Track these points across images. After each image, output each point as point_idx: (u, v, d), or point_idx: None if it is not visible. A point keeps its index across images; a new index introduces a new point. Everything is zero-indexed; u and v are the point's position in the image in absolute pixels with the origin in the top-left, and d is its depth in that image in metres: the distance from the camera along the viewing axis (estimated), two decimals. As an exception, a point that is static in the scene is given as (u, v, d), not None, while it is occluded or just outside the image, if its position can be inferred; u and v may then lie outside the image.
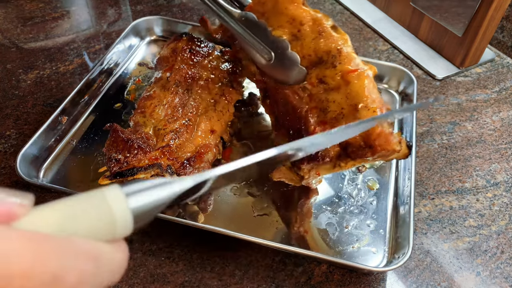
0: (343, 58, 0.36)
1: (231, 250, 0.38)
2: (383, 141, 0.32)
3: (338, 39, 0.37)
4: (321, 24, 0.38)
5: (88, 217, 0.15)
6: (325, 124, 0.37)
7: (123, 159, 0.37)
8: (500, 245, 0.40)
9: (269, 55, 0.39)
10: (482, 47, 0.57)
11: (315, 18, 0.38)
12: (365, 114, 0.34)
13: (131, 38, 0.58)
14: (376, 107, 0.34)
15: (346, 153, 0.35)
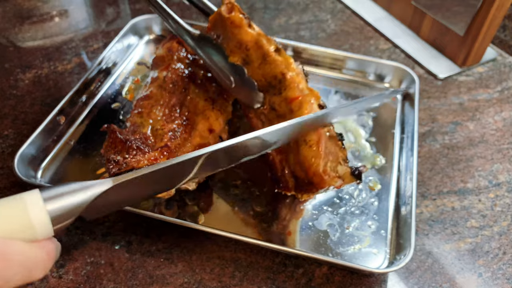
0: (288, 84, 0.36)
1: (231, 252, 0.38)
2: (319, 180, 0.33)
3: (282, 64, 0.36)
4: (264, 48, 0.37)
5: (6, 221, 0.16)
6: (281, 153, 0.37)
7: (121, 160, 0.36)
8: (502, 246, 0.40)
9: (229, 79, 0.38)
10: (484, 46, 0.57)
11: (258, 42, 0.37)
12: (303, 149, 0.34)
13: (130, 37, 0.58)
14: (312, 141, 0.34)
15: (298, 185, 0.35)
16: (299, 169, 0.35)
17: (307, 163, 0.34)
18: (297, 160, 0.35)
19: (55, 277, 0.35)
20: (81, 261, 0.36)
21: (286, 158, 0.37)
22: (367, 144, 0.47)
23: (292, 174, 0.36)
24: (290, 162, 0.36)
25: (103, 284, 0.35)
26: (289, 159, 0.36)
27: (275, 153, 0.38)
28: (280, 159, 0.37)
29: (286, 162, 0.37)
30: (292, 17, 0.68)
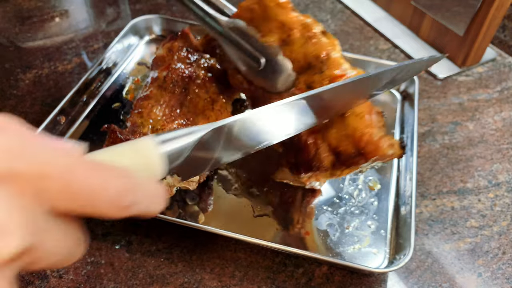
0: (330, 63, 0.36)
1: (231, 251, 0.38)
2: (373, 148, 0.32)
3: (327, 45, 0.37)
4: (311, 29, 0.37)
5: (125, 160, 0.18)
6: (315, 133, 0.36)
7: (121, 159, 0.36)
8: (502, 246, 0.40)
9: (258, 61, 0.38)
10: (484, 47, 0.57)
11: (305, 23, 0.38)
12: (352, 120, 0.34)
13: (130, 37, 0.58)
14: (363, 113, 0.34)
15: (340, 161, 0.35)
16: (347, 142, 0.34)
17: (358, 133, 0.33)
18: (343, 133, 0.34)
19: (55, 276, 0.36)
20: (81, 261, 0.37)
21: (322, 136, 0.36)
22: (367, 144, 0.47)
23: (333, 151, 0.35)
24: (330, 138, 0.35)
25: (104, 283, 0.35)
26: (328, 136, 0.35)
27: (306, 134, 0.37)
28: (313, 139, 0.37)
29: (323, 140, 0.36)
30: (292, 17, 0.68)
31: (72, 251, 0.17)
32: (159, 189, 0.18)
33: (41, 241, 0.14)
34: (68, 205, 0.15)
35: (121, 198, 0.16)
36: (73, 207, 0.15)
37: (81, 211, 0.16)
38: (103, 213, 0.16)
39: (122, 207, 0.16)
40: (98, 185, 0.15)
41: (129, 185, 0.16)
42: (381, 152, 0.32)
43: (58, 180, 0.15)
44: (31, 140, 0.15)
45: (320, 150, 0.36)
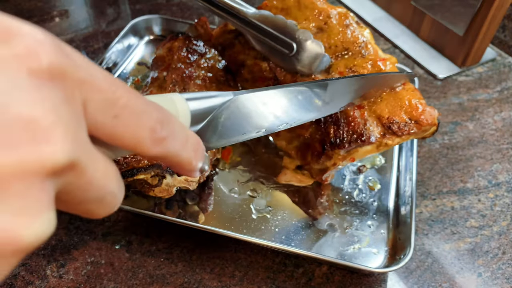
0: (370, 48, 0.39)
1: (231, 251, 0.38)
2: (428, 115, 0.36)
3: (363, 31, 0.40)
4: (347, 18, 0.40)
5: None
6: (362, 107, 0.39)
7: (122, 160, 0.36)
8: (502, 246, 0.40)
9: (290, 46, 0.39)
10: (484, 47, 0.57)
11: (341, 12, 0.41)
12: (406, 93, 0.37)
13: (130, 37, 0.58)
14: (412, 88, 0.38)
15: (392, 131, 0.37)
16: (401, 113, 0.37)
17: (414, 103, 0.37)
18: (396, 105, 0.37)
19: (55, 276, 0.36)
20: (82, 261, 0.37)
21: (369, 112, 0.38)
22: (367, 144, 0.47)
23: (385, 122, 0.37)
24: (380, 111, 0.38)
25: (104, 283, 0.35)
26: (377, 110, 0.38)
27: (353, 110, 0.39)
28: (361, 114, 0.38)
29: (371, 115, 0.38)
30: (292, 18, 0.68)
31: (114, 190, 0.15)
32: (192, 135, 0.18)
33: (86, 162, 0.13)
34: (109, 123, 0.14)
35: (159, 126, 0.15)
36: (114, 128, 0.14)
37: (121, 135, 0.14)
38: (140, 141, 0.15)
39: (159, 138, 0.15)
40: (141, 107, 0.14)
41: (167, 118, 0.16)
42: (434, 119, 0.36)
43: (106, 91, 0.13)
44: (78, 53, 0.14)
45: (368, 122, 0.38)
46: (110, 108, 0.14)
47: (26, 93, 0.11)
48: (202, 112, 0.20)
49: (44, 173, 0.11)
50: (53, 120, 0.11)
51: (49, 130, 0.11)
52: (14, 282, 0.35)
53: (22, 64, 0.11)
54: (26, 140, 0.11)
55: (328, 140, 0.39)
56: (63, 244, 0.38)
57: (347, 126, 0.38)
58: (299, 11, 0.41)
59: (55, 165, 0.11)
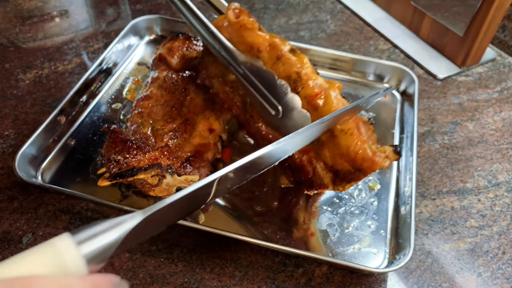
0: (304, 82, 0.36)
1: (231, 251, 0.38)
2: (370, 164, 0.33)
3: (296, 62, 0.36)
4: (278, 49, 0.37)
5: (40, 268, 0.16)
6: (308, 152, 0.37)
7: (122, 160, 0.36)
8: (502, 246, 0.40)
9: (277, 110, 0.37)
10: (484, 47, 0.57)
11: (272, 43, 0.37)
12: (343, 139, 0.34)
13: (130, 37, 0.58)
14: (352, 128, 0.34)
15: (340, 177, 0.35)
16: (342, 161, 0.34)
17: (352, 151, 0.33)
18: (336, 153, 0.34)
19: (55, 276, 0.36)
20: (82, 261, 0.37)
21: (316, 156, 0.36)
22: (366, 144, 0.47)
23: (330, 169, 0.36)
24: (324, 157, 0.35)
25: (104, 283, 0.35)
26: (322, 155, 0.36)
27: (300, 155, 0.37)
28: (308, 159, 0.37)
29: (318, 159, 0.36)
30: (292, 18, 0.68)
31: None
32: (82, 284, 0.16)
33: None
34: None
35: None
36: None
37: None
38: None
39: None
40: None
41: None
42: (378, 166, 0.33)
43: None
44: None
45: (317, 169, 0.36)
46: None
47: None
48: (101, 251, 0.17)
49: None
50: None
51: None
52: (14, 282, 0.35)
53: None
54: None
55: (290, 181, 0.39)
56: (63, 244, 0.38)
57: (299, 172, 0.38)
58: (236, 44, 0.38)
59: None
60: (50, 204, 0.41)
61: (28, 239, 0.38)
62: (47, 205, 0.40)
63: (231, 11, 0.38)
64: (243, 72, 0.38)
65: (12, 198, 0.41)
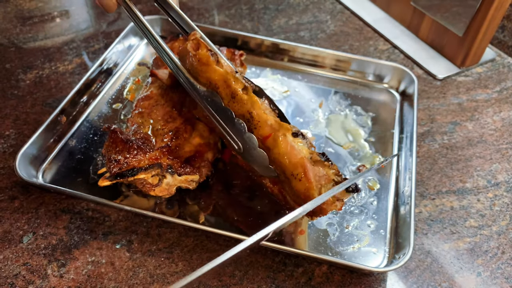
0: (256, 122, 0.36)
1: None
2: (318, 209, 0.34)
3: (248, 102, 0.36)
4: (231, 87, 0.36)
5: None
6: (277, 183, 0.38)
7: (123, 159, 0.37)
8: (501, 246, 0.40)
9: (239, 146, 0.37)
10: (483, 47, 0.57)
11: (227, 81, 0.36)
12: (294, 184, 0.34)
13: (131, 38, 0.58)
14: (300, 173, 0.34)
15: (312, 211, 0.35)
16: (300, 200, 0.35)
17: (302, 195, 0.34)
18: (293, 192, 0.35)
19: (56, 276, 0.36)
20: (82, 260, 0.37)
21: (283, 188, 0.37)
22: (366, 144, 0.48)
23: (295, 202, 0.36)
24: (288, 192, 0.37)
25: (104, 283, 0.35)
26: (286, 189, 0.37)
27: (271, 184, 0.38)
28: (278, 188, 0.38)
29: (285, 191, 0.37)
30: (292, 18, 0.68)
31: None
32: None
33: None
34: None
35: None
36: None
37: None
38: None
39: None
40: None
41: None
42: (326, 212, 0.34)
43: None
44: None
45: (287, 198, 0.37)
46: None
47: None
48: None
49: None
50: None
51: None
52: (15, 282, 0.35)
53: None
54: None
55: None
56: (63, 243, 0.38)
57: (275, 198, 0.39)
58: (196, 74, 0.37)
59: None
60: (50, 204, 0.41)
61: (29, 238, 0.38)
62: (47, 205, 0.41)
63: (190, 42, 0.38)
64: (205, 106, 0.38)
65: (13, 198, 0.41)
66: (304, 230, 0.39)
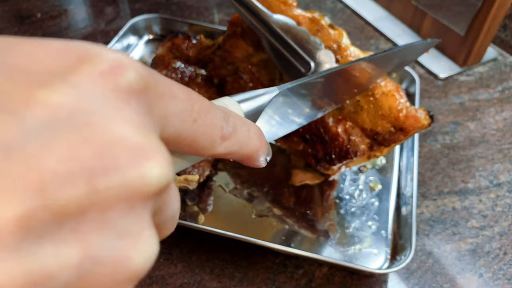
0: (342, 52, 0.37)
1: (231, 252, 0.38)
2: (413, 121, 0.34)
3: (335, 35, 0.37)
4: (318, 22, 0.38)
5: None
6: (344, 120, 0.37)
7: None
8: (503, 246, 0.39)
9: (309, 65, 0.36)
10: (485, 46, 0.56)
11: (312, 18, 0.38)
12: (385, 100, 0.35)
13: (130, 36, 0.58)
14: (392, 90, 0.35)
15: (378, 142, 0.36)
16: (383, 122, 0.35)
17: (395, 110, 0.34)
18: (377, 115, 0.35)
19: (54, 277, 0.35)
20: (81, 262, 0.36)
21: (352, 122, 0.37)
22: (367, 144, 0.47)
23: (368, 134, 0.36)
24: (362, 122, 0.36)
25: (103, 284, 0.35)
26: (359, 121, 0.36)
27: (336, 124, 0.38)
28: (344, 128, 0.37)
29: (354, 126, 0.37)
30: (292, 17, 0.67)
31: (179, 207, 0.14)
32: (253, 125, 0.18)
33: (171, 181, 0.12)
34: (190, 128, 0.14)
35: (225, 122, 0.15)
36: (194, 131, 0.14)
37: (200, 137, 0.14)
38: (213, 140, 0.15)
39: (227, 133, 0.16)
40: (210, 107, 0.15)
41: (229, 113, 0.16)
42: (420, 123, 0.34)
43: (184, 100, 0.14)
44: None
45: (352, 136, 0.37)
46: (190, 115, 0.14)
47: (118, 111, 0.11)
48: (254, 113, 0.21)
49: (148, 195, 0.11)
50: (147, 138, 0.11)
51: (147, 149, 0.11)
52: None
53: (109, 81, 0.11)
54: (126, 161, 0.10)
55: (319, 157, 0.39)
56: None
57: (333, 143, 0.38)
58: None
59: (159, 185, 0.11)
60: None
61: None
62: (45, 206, 0.40)
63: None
64: (274, 30, 0.37)
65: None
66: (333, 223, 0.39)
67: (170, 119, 0.13)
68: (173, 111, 0.13)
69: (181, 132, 0.14)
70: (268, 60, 0.40)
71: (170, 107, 0.13)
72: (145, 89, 0.12)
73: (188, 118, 0.14)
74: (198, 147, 0.15)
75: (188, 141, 0.14)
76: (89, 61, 0.11)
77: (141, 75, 0.12)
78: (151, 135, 0.11)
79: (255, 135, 0.18)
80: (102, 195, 0.10)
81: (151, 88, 0.12)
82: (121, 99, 0.11)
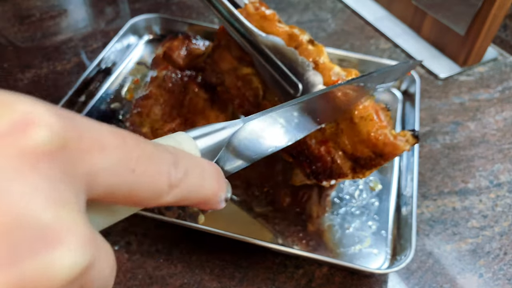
0: (321, 70, 0.35)
1: (231, 252, 0.38)
2: (392, 149, 0.33)
3: (314, 52, 0.36)
4: (297, 38, 0.36)
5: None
6: (326, 142, 0.37)
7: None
8: (503, 247, 0.39)
9: (296, 87, 0.36)
10: (485, 46, 0.56)
11: (291, 33, 0.37)
12: (363, 125, 0.34)
13: (129, 36, 0.58)
14: (371, 114, 0.34)
15: (360, 165, 0.35)
16: (362, 147, 0.34)
17: (373, 136, 0.33)
18: (357, 139, 0.34)
19: (54, 278, 0.35)
20: (80, 262, 0.36)
21: (335, 145, 0.36)
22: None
23: (350, 157, 0.36)
24: (343, 146, 0.36)
25: (102, 285, 0.35)
26: (342, 143, 0.36)
27: (318, 146, 0.37)
28: (326, 149, 0.37)
29: (337, 148, 0.36)
30: (292, 17, 0.67)
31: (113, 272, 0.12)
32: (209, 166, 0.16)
33: (98, 254, 0.10)
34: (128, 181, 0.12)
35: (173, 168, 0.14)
36: (133, 184, 0.12)
37: (141, 188, 0.13)
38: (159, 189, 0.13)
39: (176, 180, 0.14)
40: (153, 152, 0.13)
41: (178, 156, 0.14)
42: (400, 150, 0.33)
43: (118, 149, 0.12)
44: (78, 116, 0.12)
45: (335, 158, 0.36)
46: (126, 165, 0.12)
47: (20, 182, 0.09)
48: (212, 149, 0.19)
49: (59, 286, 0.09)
50: (57, 216, 0.09)
51: (55, 230, 0.09)
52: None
53: (10, 145, 0.09)
54: (27, 250, 0.08)
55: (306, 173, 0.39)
56: (61, 245, 0.37)
57: (317, 163, 0.37)
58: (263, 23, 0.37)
59: (71, 275, 0.09)
60: (48, 205, 0.40)
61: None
62: (45, 206, 0.40)
63: (250, 4, 0.38)
64: (261, 50, 0.37)
65: (10, 199, 0.41)
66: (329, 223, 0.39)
67: (99, 175, 0.11)
68: (102, 166, 0.11)
69: (115, 187, 0.12)
70: (252, 75, 0.39)
71: (98, 162, 0.11)
72: (62, 148, 0.10)
73: (124, 170, 0.12)
74: (139, 199, 0.13)
75: (125, 194, 0.12)
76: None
77: (55, 131, 0.10)
78: (63, 210, 0.09)
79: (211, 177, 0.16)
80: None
81: (71, 144, 0.10)
82: (28, 164, 0.09)
